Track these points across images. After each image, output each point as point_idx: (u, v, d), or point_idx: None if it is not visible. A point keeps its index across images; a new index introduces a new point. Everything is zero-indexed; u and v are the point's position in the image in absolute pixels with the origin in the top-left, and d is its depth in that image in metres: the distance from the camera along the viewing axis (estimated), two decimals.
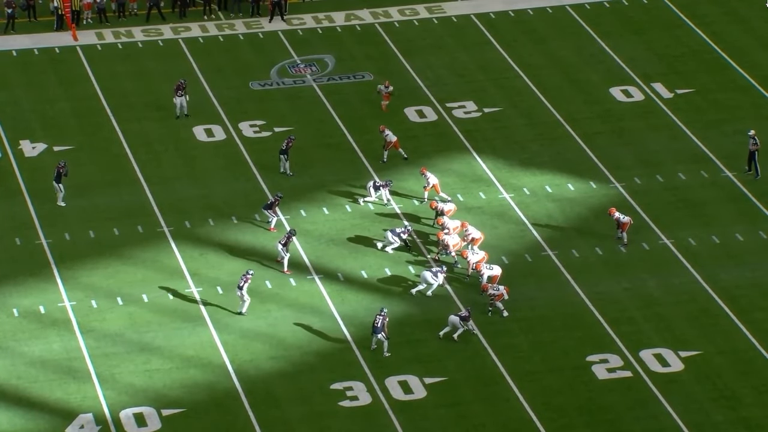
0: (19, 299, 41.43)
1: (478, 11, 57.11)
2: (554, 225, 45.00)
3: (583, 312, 41.49)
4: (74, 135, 48.92)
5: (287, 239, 42.54)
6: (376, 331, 39.36)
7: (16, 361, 39.23)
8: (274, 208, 44.40)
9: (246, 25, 56.11)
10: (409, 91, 52.07)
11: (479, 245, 42.91)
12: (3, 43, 54.23)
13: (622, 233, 43.76)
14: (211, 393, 38.33)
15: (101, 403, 37.87)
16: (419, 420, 37.59)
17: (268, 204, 44.42)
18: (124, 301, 41.57)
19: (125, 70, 53.07)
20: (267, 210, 44.30)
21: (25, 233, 44.17)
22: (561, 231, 44.77)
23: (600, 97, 52.07)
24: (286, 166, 46.83)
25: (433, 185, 45.37)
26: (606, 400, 38.38)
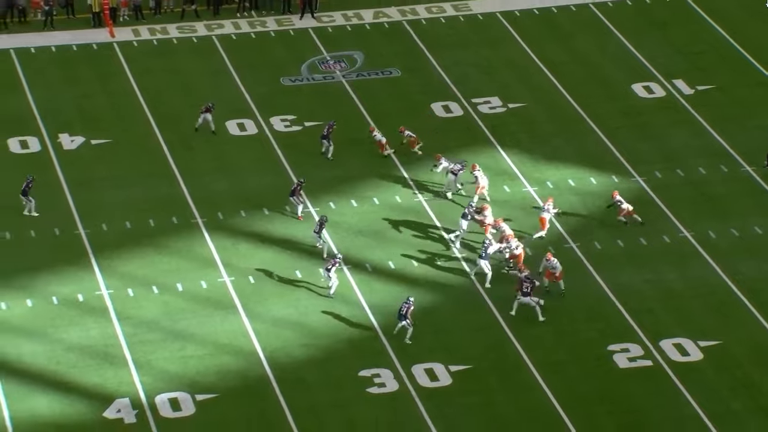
0: (58, 287, 41.67)
1: (503, 9, 57.11)
2: (577, 218, 45.04)
3: (605, 302, 41.53)
4: (111, 128, 49.16)
5: (320, 227, 42.65)
6: (400, 318, 39.54)
7: (55, 347, 39.49)
8: (298, 194, 44.51)
9: (277, 23, 56.25)
10: (436, 87, 52.14)
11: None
12: (42, 39, 54.46)
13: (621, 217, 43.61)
14: (244, 379, 38.51)
15: (137, 388, 38.09)
16: (444, 407, 37.68)
17: (292, 190, 44.54)
18: (160, 289, 41.77)
19: (160, 66, 53.25)
20: (292, 197, 44.42)
21: (64, 224, 44.40)
22: (583, 224, 44.82)
23: (622, 93, 52.05)
24: (329, 149, 46.79)
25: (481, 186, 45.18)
26: (627, 389, 38.44)
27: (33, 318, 40.56)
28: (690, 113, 50.80)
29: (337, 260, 41.12)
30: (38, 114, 49.92)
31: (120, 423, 37.00)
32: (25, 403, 37.52)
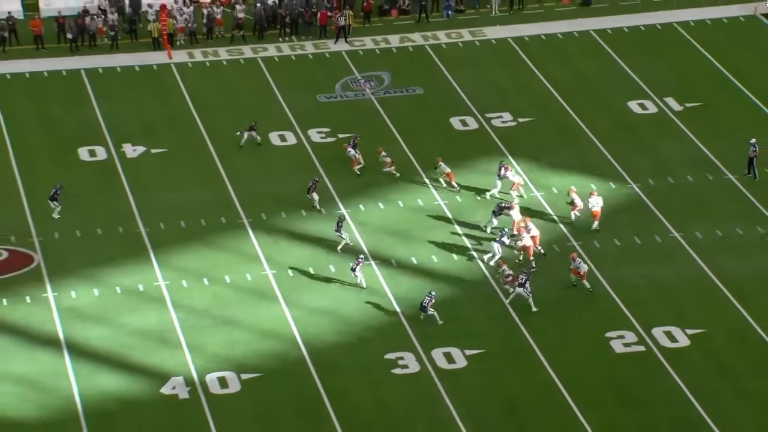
0: (121, 279, 41.78)
1: (514, 35, 56.99)
2: (578, 220, 44.86)
3: (603, 295, 41.38)
4: (168, 139, 49.27)
5: (339, 225, 42.55)
6: (423, 310, 39.44)
7: (119, 332, 39.60)
8: (313, 192, 44.39)
9: (315, 46, 56.25)
10: (454, 103, 52.06)
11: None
12: (109, 61, 54.61)
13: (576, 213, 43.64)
14: (283, 361, 38.53)
15: (190, 368, 38.15)
16: (461, 386, 37.62)
17: (308, 188, 44.47)
18: (210, 281, 41.80)
19: (212, 85, 53.33)
20: (309, 194, 44.31)
21: (126, 223, 44.50)
22: (584, 225, 44.64)
23: (619, 109, 51.86)
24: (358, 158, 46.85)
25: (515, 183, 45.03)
26: (622, 371, 38.29)
27: (99, 305, 40.69)
28: (679, 127, 50.57)
29: (360, 260, 40.99)
30: (105, 126, 50.07)
31: (175, 398, 37.08)
32: (92, 380, 37.65)
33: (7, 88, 52.48)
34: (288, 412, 36.77)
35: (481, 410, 36.84)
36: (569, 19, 58.14)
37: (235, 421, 36.39)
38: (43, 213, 44.74)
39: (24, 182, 46.62)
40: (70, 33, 55.14)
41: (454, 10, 58.63)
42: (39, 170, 47.32)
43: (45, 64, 54.14)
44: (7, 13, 55.83)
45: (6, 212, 44.81)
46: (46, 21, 56.01)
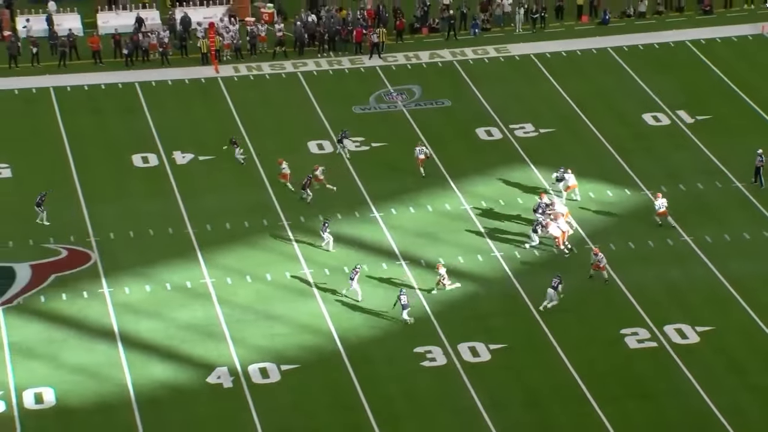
0: (170, 276, 41.78)
1: (536, 51, 56.74)
2: (595, 224, 44.54)
3: (619, 294, 41.02)
4: (215, 147, 49.20)
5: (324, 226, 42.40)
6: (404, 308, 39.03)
7: (168, 325, 39.61)
8: (307, 188, 44.61)
9: (351, 62, 56.16)
10: (479, 114, 51.83)
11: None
12: (161, 75, 54.72)
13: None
14: (320, 353, 38.41)
15: (234, 359, 38.10)
16: (485, 379, 37.37)
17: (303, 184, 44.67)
18: (252, 279, 41.75)
19: (255, 97, 53.33)
20: (303, 189, 44.49)
21: (176, 224, 44.52)
22: (601, 229, 44.30)
23: (634, 121, 51.49)
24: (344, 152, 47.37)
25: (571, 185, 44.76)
26: (636, 365, 37.94)
27: (150, 301, 40.70)
28: (690, 138, 50.14)
29: (358, 269, 40.52)
30: (157, 135, 50.14)
31: (220, 387, 37.05)
32: (144, 369, 37.67)
33: (67, 100, 52.69)
34: (324, 402, 36.64)
35: (504, 402, 36.55)
36: (588, 37, 57.86)
37: (275, 409, 36.29)
38: (99, 215, 44.82)
39: (82, 186, 46.75)
40: (126, 49, 55.26)
41: (481, 29, 58.43)
42: (96, 175, 47.44)
43: (102, 77, 54.32)
44: (68, 30, 56.02)
45: (66, 214, 44.92)
46: (104, 38, 56.19)
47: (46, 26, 56.51)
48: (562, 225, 42.79)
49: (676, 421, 36.01)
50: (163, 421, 35.92)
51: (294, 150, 49.00)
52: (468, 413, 36.22)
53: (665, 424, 35.90)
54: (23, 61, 54.96)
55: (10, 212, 45.03)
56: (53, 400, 36.49)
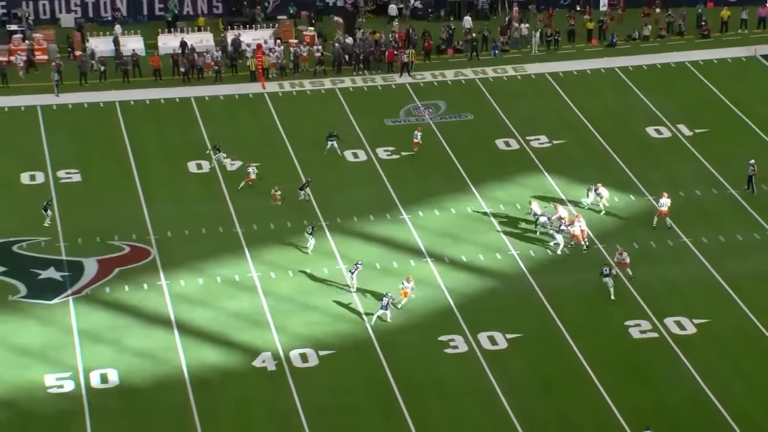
0: (221, 270, 41.91)
1: (550, 70, 56.58)
2: (603, 226, 44.38)
3: (623, 289, 40.86)
4: (261, 155, 49.28)
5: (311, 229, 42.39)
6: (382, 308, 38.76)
7: (219, 314, 39.74)
8: (306, 189, 44.79)
9: (383, 79, 56.17)
10: (498, 127, 51.72)
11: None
12: (214, 90, 54.92)
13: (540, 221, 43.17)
14: (354, 340, 38.45)
15: (277, 345, 38.20)
16: (502, 366, 37.35)
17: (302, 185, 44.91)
18: (294, 273, 41.81)
19: (297, 110, 53.42)
20: (302, 190, 44.75)
21: (226, 224, 44.63)
22: (608, 231, 44.14)
23: (638, 133, 51.25)
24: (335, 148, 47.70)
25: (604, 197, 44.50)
26: (639, 354, 37.81)
27: (203, 292, 40.85)
28: (689, 149, 49.88)
29: (359, 265, 40.29)
30: (209, 144, 50.29)
31: (264, 370, 37.19)
32: (196, 353, 37.85)
33: (131, 112, 52.99)
34: (358, 384, 36.72)
35: (518, 385, 36.55)
36: (597, 58, 57.62)
37: (314, 390, 36.38)
38: (158, 215, 45.03)
39: (143, 189, 46.97)
40: (183, 67, 55.57)
41: (500, 50, 58.34)
42: (155, 180, 47.67)
43: (162, 92, 54.56)
44: (132, 50, 56.41)
45: (128, 214, 45.16)
46: (164, 57, 56.50)
47: (113, 47, 56.92)
48: (582, 224, 42.62)
49: (674, 405, 35.85)
50: (213, 400, 36.07)
51: (331, 159, 49.04)
52: (486, 395, 36.21)
53: (665, 407, 35.78)
54: (92, 78, 55.35)
55: (79, 212, 45.32)
56: (117, 380, 36.73)
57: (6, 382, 36.56)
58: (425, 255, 42.72)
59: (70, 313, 39.68)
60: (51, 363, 37.28)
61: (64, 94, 53.85)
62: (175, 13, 59.72)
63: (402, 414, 35.53)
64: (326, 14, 60.82)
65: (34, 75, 55.29)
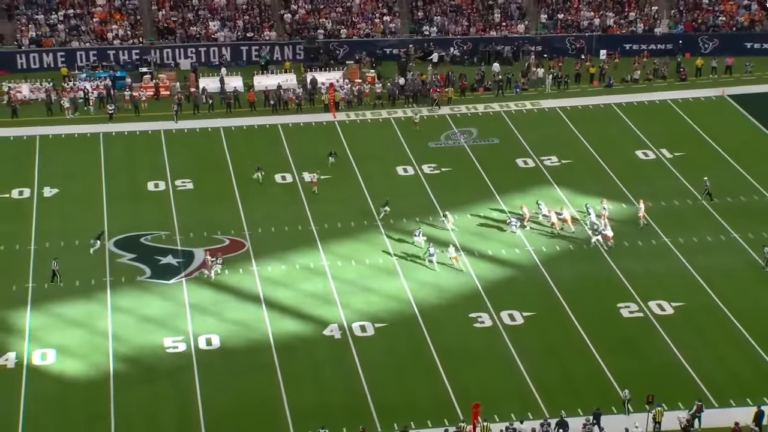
0: (299, 259, 41.84)
1: (560, 105, 55.87)
2: None
3: (615, 279, 40.32)
4: (333, 170, 49.02)
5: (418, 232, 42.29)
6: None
7: (297, 294, 39.74)
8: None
9: (428, 111, 55.88)
10: (519, 149, 51.14)
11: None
12: (296, 119, 54.73)
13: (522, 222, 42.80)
14: (402, 316, 38.35)
15: (342, 319, 38.19)
16: (520, 338, 37.07)
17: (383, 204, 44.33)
18: (355, 262, 41.65)
19: (360, 135, 53.04)
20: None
21: (303, 223, 44.37)
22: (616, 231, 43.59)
23: (628, 155, 50.48)
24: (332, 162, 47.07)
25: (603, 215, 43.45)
26: (627, 330, 37.33)
27: (285, 276, 40.83)
28: (670, 169, 49.04)
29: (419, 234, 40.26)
30: (292, 161, 50.27)
31: (332, 338, 37.21)
32: (280, 324, 37.97)
33: (232, 136, 52.97)
34: (405, 350, 36.68)
35: (532, 353, 36.25)
36: (597, 95, 56.79)
37: (371, 355, 36.38)
38: (252, 216, 44.85)
39: (240, 195, 46.85)
40: (272, 100, 55.76)
41: (521, 89, 57.86)
42: (250, 188, 47.54)
43: (255, 120, 54.60)
44: (234, 87, 56.67)
45: (229, 215, 45.20)
46: (258, 92, 56.71)
47: (219, 85, 57.34)
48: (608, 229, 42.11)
49: (656, 371, 35.36)
50: (292, 361, 36.17)
51: (386, 173, 48.84)
52: (507, 361, 36.01)
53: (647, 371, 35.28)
54: (203, 109, 55.78)
55: (191, 213, 45.52)
56: (218, 343, 36.93)
57: (135, 343, 37.06)
58: (459, 249, 42.45)
59: (184, 290, 39.93)
60: (169, 329, 37.67)
61: (182, 122, 54.07)
62: (267, 59, 60.01)
63: (440, 374, 35.41)
64: (384, 59, 60.75)
65: (158, 106, 55.67)
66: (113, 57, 58.68)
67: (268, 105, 55.99)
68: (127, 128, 52.80)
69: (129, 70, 57.87)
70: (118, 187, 47.21)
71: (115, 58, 58.73)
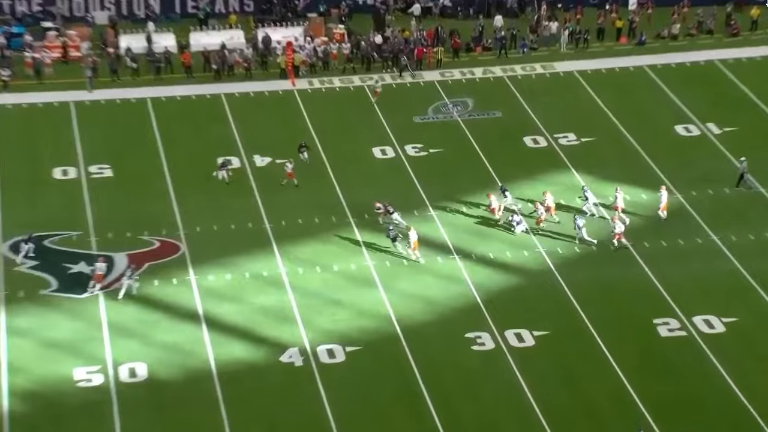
0: (249, 265, 41.68)
1: (578, 68, 55.93)
2: (631, 223, 43.69)
3: (652, 287, 40.20)
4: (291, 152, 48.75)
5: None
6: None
7: (245, 309, 39.53)
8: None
9: (412, 77, 55.73)
10: (527, 125, 51.17)
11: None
12: (244, 87, 54.71)
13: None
14: (379, 336, 38.12)
15: (304, 340, 37.91)
16: (529, 363, 36.85)
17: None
18: (321, 269, 41.52)
19: (327, 107, 53.12)
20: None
21: (255, 220, 44.41)
22: (636, 228, 43.47)
23: (666, 131, 50.50)
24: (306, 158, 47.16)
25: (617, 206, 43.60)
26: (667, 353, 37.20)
27: (231, 287, 40.65)
28: (718, 148, 49.07)
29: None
30: (239, 140, 50.10)
31: (292, 366, 36.92)
32: (224, 348, 37.65)
33: (162, 109, 52.81)
34: (385, 379, 36.37)
35: (546, 383, 36.00)
36: (626, 56, 56.88)
37: (341, 387, 36.07)
38: (188, 211, 44.82)
39: (173, 185, 46.76)
40: (214, 64, 55.34)
41: (529, 48, 57.76)
42: (185, 175, 47.42)
43: (193, 89, 54.38)
44: (164, 47, 56.25)
45: (159, 210, 44.99)
46: (195, 54, 56.30)
47: (145, 44, 56.80)
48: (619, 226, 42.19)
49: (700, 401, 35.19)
50: (240, 395, 35.84)
51: (359, 155, 48.68)
52: (514, 393, 35.73)
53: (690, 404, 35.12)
54: (124, 75, 55.27)
55: (111, 208, 45.20)
56: (145, 374, 36.60)
57: (36, 375, 36.47)
58: (453, 252, 42.21)
59: (100, 307, 39.58)
60: (80, 357, 37.21)
61: (98, 91, 53.76)
62: (207, 11, 59.53)
63: (429, 411, 35.13)
64: (357, 12, 60.37)
65: (67, 71, 55.17)
66: (8, 8, 57.94)
67: (208, 70, 55.69)
68: (27, 99, 52.31)
69: (29, 25, 57.21)
70: (15, 175, 46.67)
71: (10, 10, 58.01)
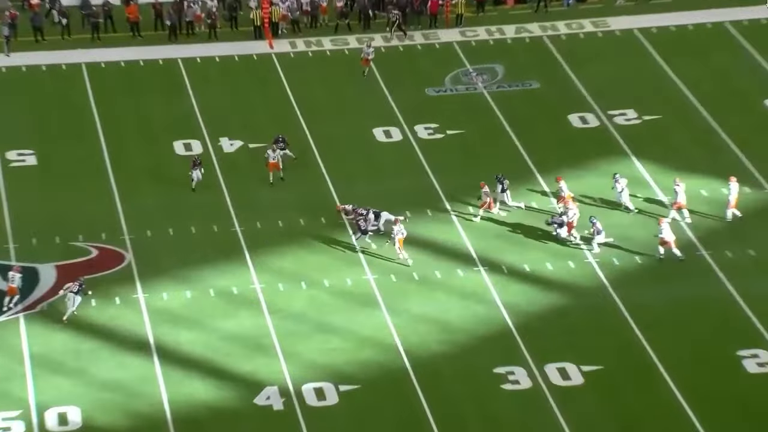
0: (215, 280, 41.85)
1: (640, 26, 56.23)
2: (708, 227, 43.85)
3: (735, 309, 40.25)
4: (268, 134, 49.16)
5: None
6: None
7: (211, 336, 39.66)
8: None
9: (424, 36, 55.98)
10: (573, 99, 51.40)
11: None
12: (207, 50, 54.96)
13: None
14: (384, 371, 38.21)
15: (285, 378, 38.02)
16: (577, 406, 36.90)
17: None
18: (308, 285, 41.68)
19: (314, 76, 53.37)
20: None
21: (221, 221, 44.63)
22: (715, 233, 43.61)
23: (755, 107, 50.70)
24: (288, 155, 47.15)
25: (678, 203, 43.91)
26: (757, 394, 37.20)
27: (191, 308, 40.83)
28: None
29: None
30: (201, 119, 50.35)
31: (269, 410, 36.99)
32: (182, 387, 37.76)
33: (101, 78, 53.13)
34: (388, 428, 36.40)
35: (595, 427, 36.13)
36: (701, 9, 57.15)
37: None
38: (135, 210, 45.08)
39: (116, 177, 47.05)
40: (168, 20, 55.55)
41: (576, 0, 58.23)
42: (132, 164, 47.72)
43: (141, 52, 54.74)
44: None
45: (96, 208, 45.25)
46: (143, 7, 56.53)
47: None
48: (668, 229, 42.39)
49: None
50: None
51: (357, 138, 48.89)
52: None
53: None
54: (51, 34, 55.41)
55: (34, 205, 45.43)
56: (79, 420, 36.65)
57: None
58: (477, 263, 42.28)
59: (21, 334, 39.67)
60: None
61: (16, 54, 53.85)
62: None
63: None
64: None
65: None
66: None
67: (161, 28, 55.94)
68: None
69: None
70: None
71: None
